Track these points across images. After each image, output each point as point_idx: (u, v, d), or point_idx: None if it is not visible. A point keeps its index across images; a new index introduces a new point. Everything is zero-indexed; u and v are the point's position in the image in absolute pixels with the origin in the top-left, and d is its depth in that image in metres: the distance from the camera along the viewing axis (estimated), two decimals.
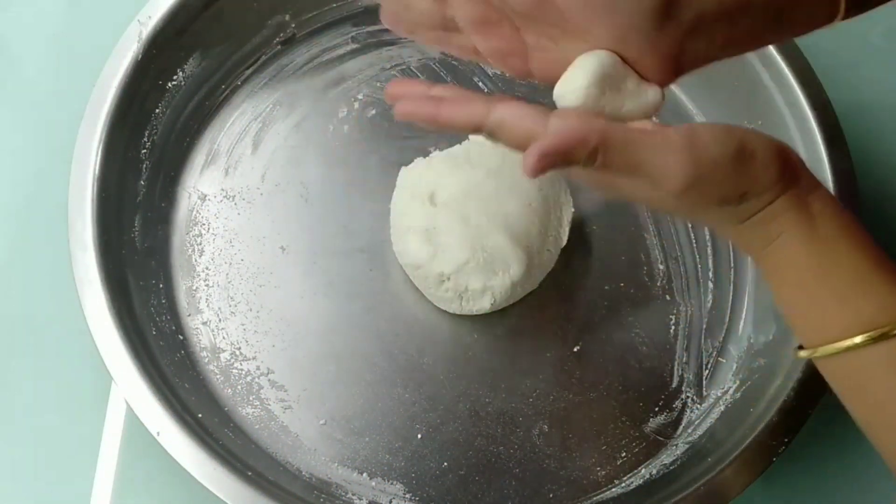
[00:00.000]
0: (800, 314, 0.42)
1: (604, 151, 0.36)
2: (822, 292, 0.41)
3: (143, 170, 0.59)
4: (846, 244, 0.40)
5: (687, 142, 0.37)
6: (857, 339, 0.39)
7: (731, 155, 0.38)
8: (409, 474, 0.55)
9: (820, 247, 0.40)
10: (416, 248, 0.56)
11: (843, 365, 0.40)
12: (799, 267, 0.41)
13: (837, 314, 0.40)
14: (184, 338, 0.57)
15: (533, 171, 0.36)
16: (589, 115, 0.39)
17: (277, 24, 0.64)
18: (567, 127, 0.36)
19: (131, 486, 0.55)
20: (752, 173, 0.39)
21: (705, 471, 0.51)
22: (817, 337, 0.41)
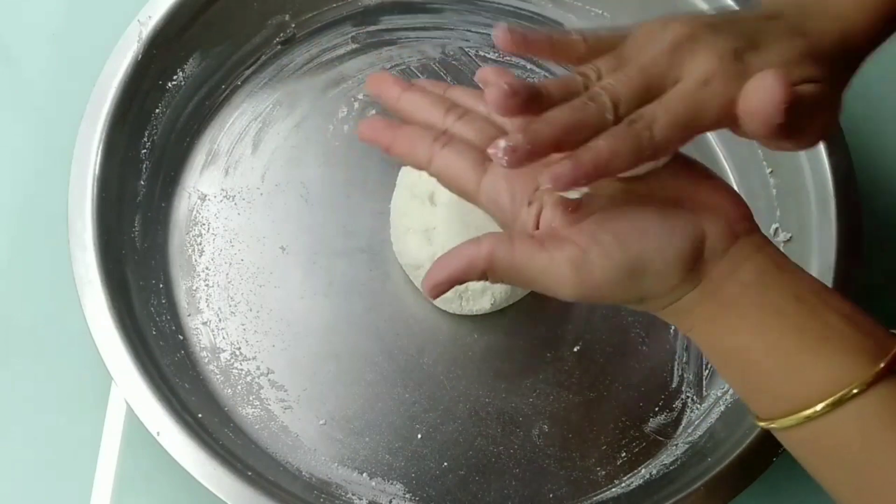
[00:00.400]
0: (744, 390, 0.41)
1: (491, 274, 0.40)
2: (764, 368, 0.39)
3: (143, 170, 0.59)
4: (785, 313, 0.38)
5: (571, 267, 0.38)
6: (816, 409, 0.37)
7: (620, 275, 0.38)
8: (409, 474, 0.55)
9: (750, 329, 0.39)
10: (416, 248, 0.56)
11: (803, 434, 0.38)
12: (728, 348, 0.40)
13: (786, 386, 0.38)
14: (184, 338, 0.57)
15: (431, 295, 0.41)
16: (485, 238, 0.40)
17: (277, 24, 0.64)
18: (456, 257, 0.40)
19: (131, 486, 0.55)
20: (646, 285, 0.39)
21: (705, 471, 0.51)
22: (771, 410, 0.39)
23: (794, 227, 0.59)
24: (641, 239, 0.38)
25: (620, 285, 0.39)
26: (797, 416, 0.37)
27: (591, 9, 0.65)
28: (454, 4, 0.66)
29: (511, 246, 0.39)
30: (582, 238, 0.38)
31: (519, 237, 0.40)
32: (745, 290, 0.39)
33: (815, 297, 0.38)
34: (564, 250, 0.38)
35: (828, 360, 0.37)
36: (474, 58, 0.65)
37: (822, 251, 0.56)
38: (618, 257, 0.38)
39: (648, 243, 0.38)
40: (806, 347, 0.38)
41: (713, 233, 0.39)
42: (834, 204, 0.56)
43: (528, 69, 0.65)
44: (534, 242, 0.39)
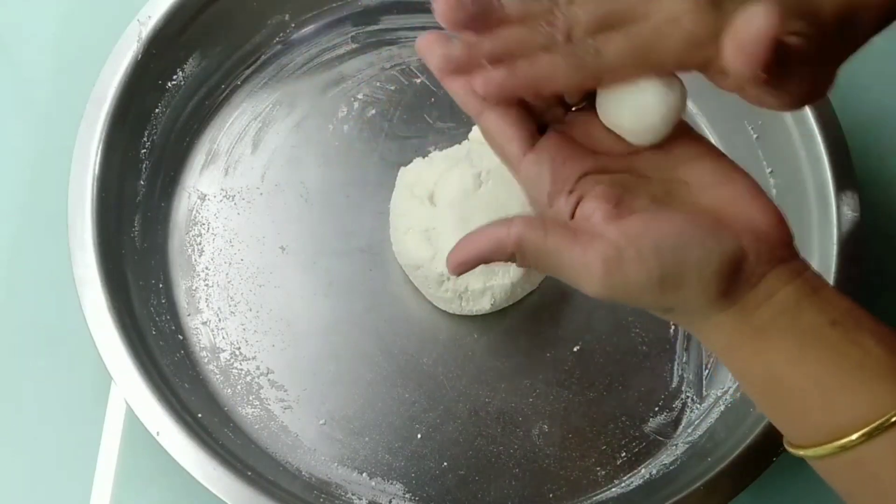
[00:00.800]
0: (778, 417, 0.40)
1: (519, 257, 0.38)
2: (797, 395, 0.37)
3: (142, 170, 0.59)
4: (821, 340, 0.37)
5: (602, 265, 0.37)
6: (852, 438, 0.36)
7: (651, 284, 0.37)
8: (408, 474, 0.55)
9: (784, 357, 0.37)
10: (415, 248, 0.56)
11: (839, 463, 0.37)
12: (759, 374, 0.39)
13: (822, 415, 0.37)
14: (183, 337, 0.57)
15: (454, 272, 0.40)
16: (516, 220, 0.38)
17: (277, 24, 0.64)
18: (485, 235, 0.39)
19: (131, 486, 0.55)
20: (677, 298, 0.37)
21: (705, 471, 0.51)
22: (804, 438, 0.38)
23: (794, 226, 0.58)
24: (681, 251, 0.37)
25: (650, 293, 0.37)
26: (832, 446, 0.36)
27: None
28: None
29: (543, 232, 0.38)
30: (619, 237, 0.37)
31: (552, 224, 0.38)
32: (779, 316, 0.37)
33: (850, 321, 0.37)
34: (598, 246, 0.37)
35: (865, 388, 0.36)
36: None
37: (822, 251, 0.56)
38: (653, 265, 0.36)
39: (687, 256, 0.37)
40: (843, 375, 0.36)
41: (753, 255, 0.37)
42: (834, 204, 0.56)
43: None
44: (567, 232, 0.38)
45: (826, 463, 0.38)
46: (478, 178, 0.57)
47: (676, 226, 0.37)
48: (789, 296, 0.37)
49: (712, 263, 0.37)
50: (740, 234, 0.37)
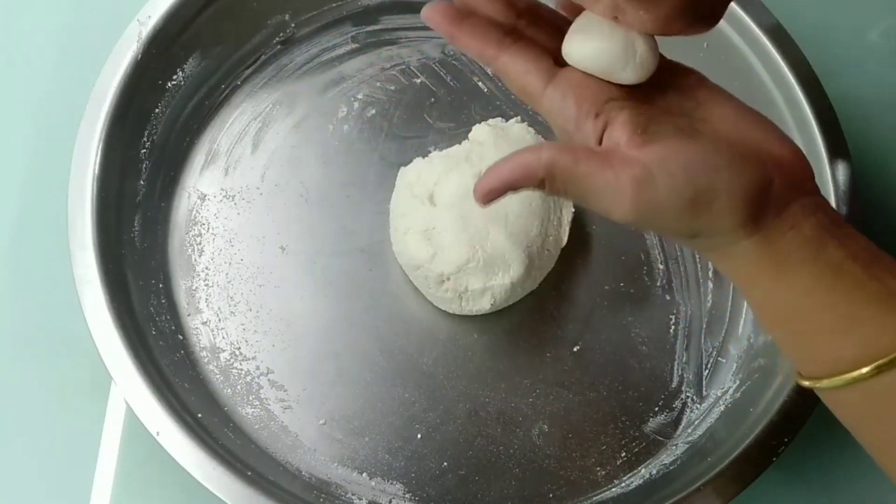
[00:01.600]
0: (793, 348, 0.41)
1: (550, 183, 0.38)
2: (814, 326, 0.38)
3: (142, 169, 0.59)
4: (842, 272, 0.38)
5: (634, 186, 0.37)
6: (864, 370, 0.37)
7: (682, 204, 0.37)
8: (408, 474, 0.55)
9: (805, 286, 0.38)
10: (415, 248, 0.56)
11: (850, 395, 0.38)
12: (779, 304, 0.39)
13: (838, 346, 0.38)
14: (183, 337, 0.57)
15: (482, 201, 0.40)
16: (545, 146, 0.39)
17: (277, 24, 0.64)
18: (514, 161, 0.39)
19: (131, 486, 0.55)
20: (705, 220, 0.38)
21: (705, 471, 0.51)
22: (818, 369, 0.39)
23: None
24: (711, 173, 0.37)
25: (680, 215, 0.37)
26: (844, 378, 0.37)
27: None
28: None
29: (574, 156, 0.38)
30: (651, 158, 0.37)
31: (582, 149, 0.38)
32: (803, 246, 0.38)
33: (870, 257, 0.38)
34: (630, 169, 0.37)
35: (880, 322, 0.37)
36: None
37: None
38: (684, 186, 0.37)
39: (718, 177, 0.37)
40: (859, 308, 0.37)
41: (780, 183, 0.38)
42: (834, 204, 0.56)
43: None
44: (599, 156, 0.38)
45: (836, 394, 0.39)
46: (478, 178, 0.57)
47: (705, 150, 0.37)
48: (813, 228, 0.38)
49: (743, 184, 0.37)
50: (767, 160, 0.38)
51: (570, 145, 0.39)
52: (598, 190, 0.38)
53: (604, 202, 0.38)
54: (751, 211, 0.37)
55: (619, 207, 0.38)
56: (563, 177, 0.38)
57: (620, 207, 0.37)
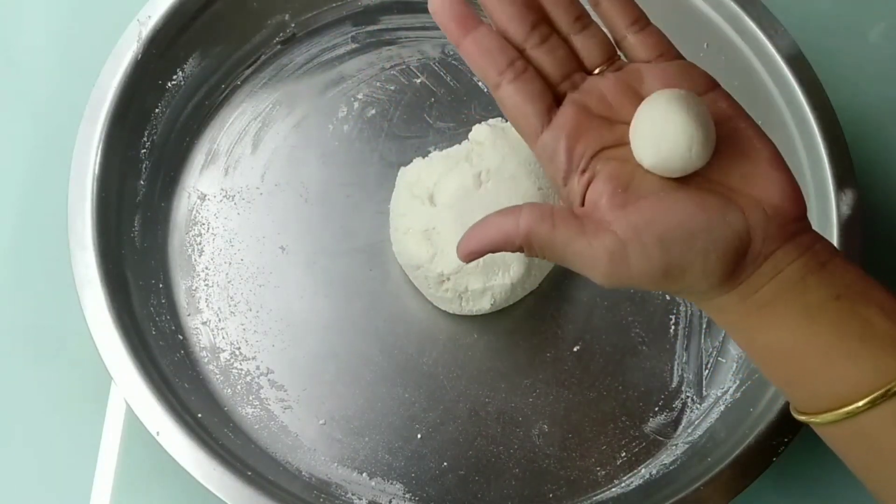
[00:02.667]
0: (783, 386, 0.41)
1: (527, 249, 0.40)
2: (801, 368, 0.38)
3: (142, 170, 0.59)
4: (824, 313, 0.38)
5: (609, 257, 0.38)
6: (858, 404, 0.37)
7: (655, 274, 0.38)
8: (408, 474, 0.55)
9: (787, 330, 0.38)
10: (415, 249, 0.56)
11: (845, 429, 0.38)
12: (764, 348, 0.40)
13: (826, 384, 0.38)
14: (183, 337, 0.57)
15: (464, 261, 0.41)
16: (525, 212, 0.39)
17: (277, 24, 0.64)
18: (494, 227, 0.40)
19: (131, 486, 0.55)
20: (681, 286, 0.38)
21: (705, 471, 0.51)
22: (810, 405, 0.39)
23: None
24: (686, 242, 0.37)
25: (654, 283, 0.38)
26: (837, 413, 0.37)
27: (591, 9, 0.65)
28: None
29: (552, 224, 0.39)
30: (625, 229, 0.37)
31: (560, 216, 0.39)
32: (784, 292, 0.38)
33: (856, 294, 0.38)
34: (604, 240, 0.38)
35: (869, 358, 0.37)
36: None
37: None
38: (657, 259, 0.37)
39: (692, 247, 0.37)
40: (846, 346, 0.37)
41: (760, 236, 0.38)
42: (834, 204, 0.56)
43: None
44: (575, 224, 0.38)
45: (831, 429, 0.39)
46: (478, 178, 0.57)
47: (682, 215, 0.37)
48: (795, 272, 0.38)
49: (717, 251, 0.37)
50: (750, 212, 0.38)
51: (549, 209, 0.39)
52: (572, 258, 0.39)
53: (580, 267, 0.39)
54: (726, 274, 0.38)
55: (594, 274, 0.39)
56: (540, 244, 0.39)
57: (595, 275, 0.39)
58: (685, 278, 0.38)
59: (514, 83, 0.40)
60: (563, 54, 0.42)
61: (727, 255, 0.37)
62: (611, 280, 0.38)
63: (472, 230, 0.41)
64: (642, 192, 0.38)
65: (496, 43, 0.41)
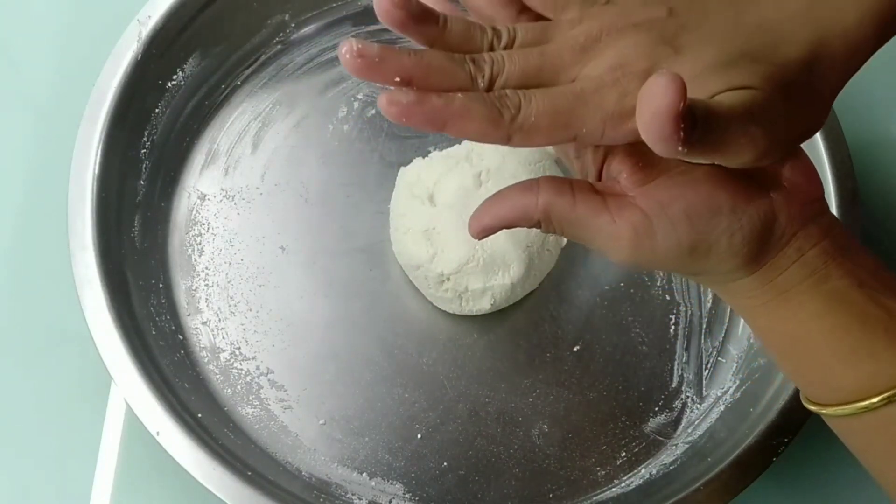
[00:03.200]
0: (799, 375, 0.40)
1: (545, 225, 0.37)
2: (820, 356, 0.38)
3: (142, 170, 0.59)
4: (847, 302, 0.37)
5: (633, 234, 0.36)
6: (872, 400, 0.36)
7: (681, 252, 0.36)
8: (408, 474, 0.55)
9: (810, 318, 0.37)
10: (415, 249, 0.56)
11: (856, 423, 0.38)
12: (783, 334, 0.39)
13: (845, 375, 0.37)
14: (183, 337, 0.57)
15: (476, 236, 0.38)
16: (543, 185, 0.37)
17: (277, 24, 0.64)
18: (510, 201, 0.37)
19: (131, 486, 0.55)
20: (705, 264, 0.37)
21: (705, 471, 0.51)
22: (824, 397, 0.38)
23: None
24: (712, 219, 0.36)
25: (678, 260, 0.37)
26: (853, 407, 0.37)
27: None
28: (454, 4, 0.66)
29: (572, 200, 0.36)
30: (649, 204, 0.36)
31: (580, 190, 0.37)
32: (807, 277, 0.37)
33: (877, 283, 0.37)
34: (629, 215, 0.36)
35: (890, 352, 0.36)
36: None
37: None
38: (684, 234, 0.36)
39: (718, 224, 0.36)
40: (867, 337, 0.37)
41: (784, 216, 0.37)
42: (834, 204, 0.56)
43: None
44: (596, 199, 0.36)
45: (842, 422, 0.38)
46: (478, 178, 0.57)
47: (707, 192, 0.36)
48: (817, 257, 0.37)
49: (744, 229, 0.36)
50: (771, 194, 0.37)
51: (568, 183, 0.37)
52: (595, 234, 0.37)
53: (601, 245, 0.37)
54: (752, 254, 0.37)
55: (616, 252, 0.37)
56: (559, 220, 0.37)
57: (618, 252, 0.37)
58: (710, 257, 0.37)
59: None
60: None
61: (753, 233, 0.36)
62: (634, 257, 0.36)
63: (487, 204, 0.38)
64: (661, 169, 0.37)
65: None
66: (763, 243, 0.37)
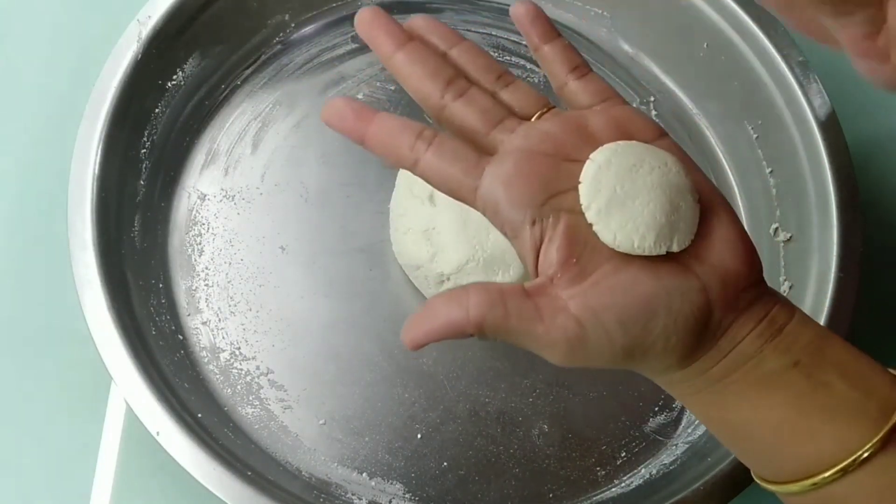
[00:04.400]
0: (745, 458, 0.40)
1: (479, 336, 0.36)
2: (760, 441, 0.38)
3: (142, 169, 0.59)
4: (783, 385, 0.36)
5: (567, 343, 0.35)
6: (825, 475, 0.36)
7: (616, 356, 0.36)
8: (408, 474, 0.55)
9: (747, 406, 0.37)
10: (415, 248, 0.56)
11: (808, 499, 0.37)
12: (723, 422, 0.39)
13: (791, 457, 0.37)
14: (183, 337, 0.57)
15: (411, 348, 0.37)
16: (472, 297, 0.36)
17: (277, 24, 0.64)
18: (441, 316, 0.36)
19: (131, 486, 0.55)
20: (641, 365, 0.37)
21: (705, 471, 0.51)
22: (775, 476, 0.38)
23: (794, 227, 0.59)
24: (647, 323, 0.35)
25: (613, 363, 0.36)
26: (803, 484, 0.36)
27: (591, 8, 0.65)
28: (454, 4, 0.66)
29: (504, 312, 0.36)
30: (583, 311, 0.35)
31: (512, 299, 0.36)
32: (741, 365, 0.37)
33: (814, 358, 0.36)
34: (562, 323, 0.35)
35: (830, 429, 0.36)
36: None
37: (822, 251, 0.56)
38: (619, 342, 0.35)
39: (654, 328, 0.35)
40: (807, 419, 0.36)
41: (719, 309, 0.36)
42: (834, 204, 0.56)
43: (527, 69, 0.65)
44: (529, 308, 0.36)
45: (796, 499, 0.38)
46: None
47: (642, 295, 0.35)
48: (751, 343, 0.36)
49: (678, 332, 0.36)
50: (708, 281, 0.36)
51: (499, 291, 0.36)
52: (529, 343, 0.36)
53: (536, 350, 0.37)
54: (686, 351, 0.36)
55: (551, 357, 0.36)
56: (493, 332, 0.36)
57: (553, 358, 0.36)
58: (646, 359, 0.36)
59: (430, 151, 0.37)
60: (488, 103, 0.39)
61: (688, 333, 0.36)
62: (569, 362, 0.36)
63: (417, 319, 0.37)
64: (596, 263, 0.36)
65: (398, 124, 0.38)
66: (698, 340, 0.36)
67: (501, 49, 0.65)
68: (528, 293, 0.36)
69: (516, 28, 0.42)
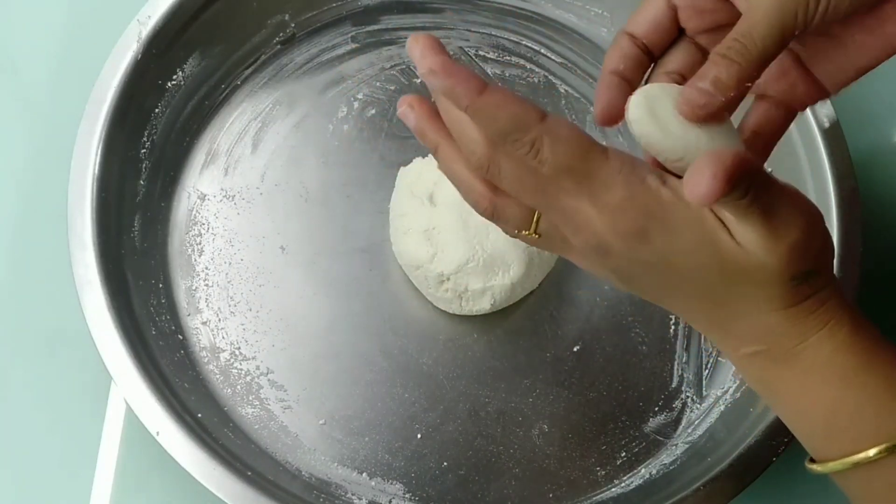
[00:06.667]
0: (801, 431, 0.41)
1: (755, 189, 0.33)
2: (821, 420, 0.39)
3: (142, 169, 0.59)
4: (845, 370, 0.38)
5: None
6: (870, 453, 0.37)
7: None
8: (408, 474, 0.55)
9: (809, 387, 0.38)
10: (415, 249, 0.56)
11: (861, 477, 0.39)
12: (783, 398, 0.40)
13: (845, 430, 0.38)
14: (183, 337, 0.57)
15: (713, 196, 0.31)
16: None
17: (277, 24, 0.64)
18: (730, 152, 0.32)
19: (131, 486, 0.55)
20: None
21: (705, 471, 0.51)
22: (827, 450, 0.39)
23: None
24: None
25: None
26: (850, 459, 0.38)
27: (591, 8, 0.65)
28: (454, 4, 0.66)
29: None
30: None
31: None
32: (804, 349, 0.38)
33: (875, 346, 0.38)
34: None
35: (886, 410, 0.37)
36: (474, 58, 0.65)
37: None
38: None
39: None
40: (865, 400, 0.38)
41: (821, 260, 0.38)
42: (834, 204, 0.56)
43: (527, 69, 0.65)
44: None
45: (847, 476, 0.39)
46: None
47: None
48: (825, 314, 0.38)
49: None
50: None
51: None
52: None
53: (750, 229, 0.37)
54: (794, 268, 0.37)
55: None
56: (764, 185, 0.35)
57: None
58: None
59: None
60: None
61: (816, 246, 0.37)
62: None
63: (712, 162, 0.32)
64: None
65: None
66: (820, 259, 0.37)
67: (501, 49, 0.65)
68: None
69: (516, 28, 0.42)
